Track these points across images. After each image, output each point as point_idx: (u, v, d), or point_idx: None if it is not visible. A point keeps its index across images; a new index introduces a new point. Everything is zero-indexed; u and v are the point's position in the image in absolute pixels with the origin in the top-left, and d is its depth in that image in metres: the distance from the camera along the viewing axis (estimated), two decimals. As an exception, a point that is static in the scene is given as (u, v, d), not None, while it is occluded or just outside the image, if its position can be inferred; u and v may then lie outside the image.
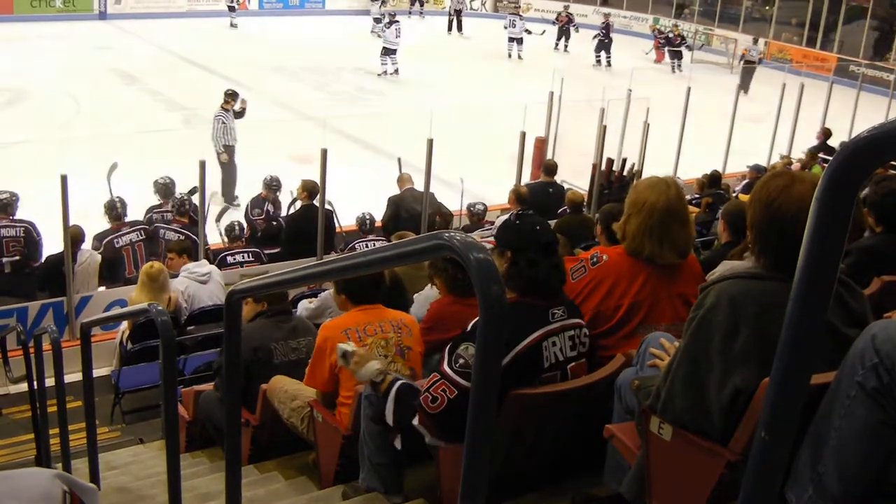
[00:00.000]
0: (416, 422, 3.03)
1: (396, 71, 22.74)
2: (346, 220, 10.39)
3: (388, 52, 22.68)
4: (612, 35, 27.29)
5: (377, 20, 29.34)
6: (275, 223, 10.29)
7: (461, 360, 2.90)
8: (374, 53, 23.22)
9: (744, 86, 22.28)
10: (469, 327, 2.93)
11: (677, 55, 26.83)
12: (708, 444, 2.25)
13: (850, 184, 1.21)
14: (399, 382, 3.28)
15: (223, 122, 12.91)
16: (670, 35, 28.22)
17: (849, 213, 1.21)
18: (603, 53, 26.90)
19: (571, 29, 28.51)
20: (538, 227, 3.15)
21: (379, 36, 26.12)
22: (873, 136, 1.15)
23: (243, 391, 4.33)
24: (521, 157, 11.21)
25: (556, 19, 29.07)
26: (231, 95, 13.22)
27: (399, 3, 33.41)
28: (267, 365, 4.74)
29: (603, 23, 27.60)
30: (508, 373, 2.76)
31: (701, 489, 2.30)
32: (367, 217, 9.84)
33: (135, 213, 9.72)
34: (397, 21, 23.03)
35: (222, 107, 13.03)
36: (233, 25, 28.50)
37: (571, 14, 29.02)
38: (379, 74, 22.63)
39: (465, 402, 2.82)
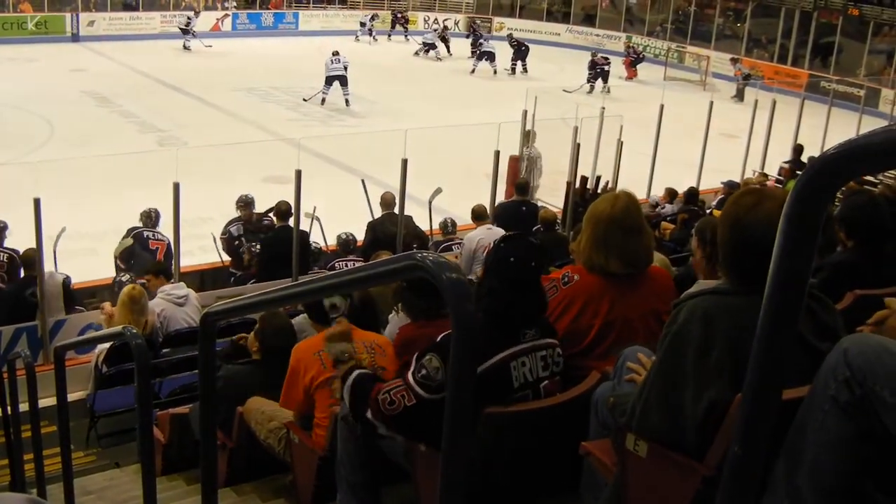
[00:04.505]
0: (369, 414, 3.03)
1: (323, 101, 21.63)
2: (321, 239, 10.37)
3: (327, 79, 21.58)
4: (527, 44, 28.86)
5: (363, 24, 32.32)
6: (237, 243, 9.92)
7: (423, 371, 2.89)
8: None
9: (740, 96, 25.63)
10: (439, 338, 2.93)
11: (603, 75, 25.73)
12: (683, 460, 2.25)
13: (819, 199, 1.22)
14: (358, 372, 3.24)
15: None
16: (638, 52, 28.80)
17: (817, 228, 1.23)
18: (519, 62, 28.20)
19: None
20: (512, 260, 3.03)
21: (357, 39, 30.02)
22: (840, 153, 1.17)
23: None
24: (495, 176, 11.23)
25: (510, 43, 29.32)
26: None
27: (384, 24, 33.64)
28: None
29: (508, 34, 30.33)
30: (475, 391, 2.74)
31: (678, 504, 2.30)
32: (350, 237, 9.81)
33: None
34: (336, 52, 21.85)
35: None
36: (185, 48, 28.54)
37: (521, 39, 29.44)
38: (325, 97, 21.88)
39: (420, 412, 2.87)
